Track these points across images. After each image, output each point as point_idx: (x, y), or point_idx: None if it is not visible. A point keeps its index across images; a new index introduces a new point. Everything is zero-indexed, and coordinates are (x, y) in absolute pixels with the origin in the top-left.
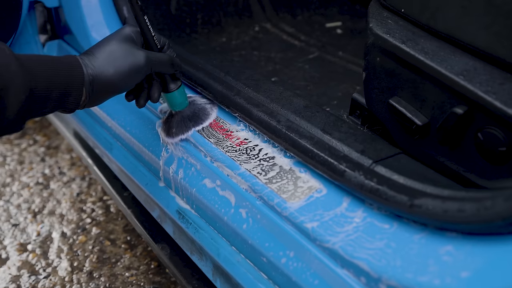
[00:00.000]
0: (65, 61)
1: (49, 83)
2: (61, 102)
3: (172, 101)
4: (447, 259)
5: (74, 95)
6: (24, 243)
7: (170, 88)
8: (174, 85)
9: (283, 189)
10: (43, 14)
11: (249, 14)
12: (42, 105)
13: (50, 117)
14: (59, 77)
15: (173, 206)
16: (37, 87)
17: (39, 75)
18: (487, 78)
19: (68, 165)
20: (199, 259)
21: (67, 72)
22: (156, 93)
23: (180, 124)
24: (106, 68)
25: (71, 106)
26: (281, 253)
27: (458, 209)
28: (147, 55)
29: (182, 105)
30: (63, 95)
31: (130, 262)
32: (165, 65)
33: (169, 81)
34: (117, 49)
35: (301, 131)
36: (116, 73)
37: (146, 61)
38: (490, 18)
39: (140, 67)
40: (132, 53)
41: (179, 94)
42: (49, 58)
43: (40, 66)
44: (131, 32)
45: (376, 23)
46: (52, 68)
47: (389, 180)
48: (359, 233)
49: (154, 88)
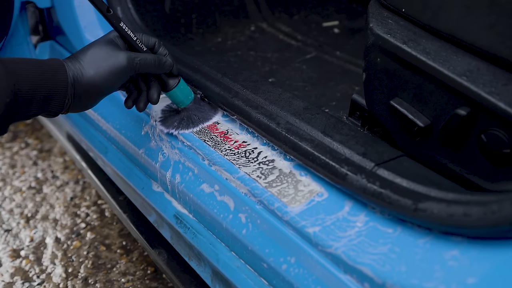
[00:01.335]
0: (48, 64)
1: (33, 86)
2: (45, 105)
3: (174, 99)
4: (453, 264)
5: (58, 98)
6: (17, 249)
7: (169, 86)
8: (172, 82)
9: (283, 193)
10: (34, 14)
11: (245, 13)
12: (26, 108)
13: (42, 120)
14: (43, 80)
15: (171, 210)
16: (21, 90)
17: (23, 78)
18: (490, 79)
19: (61, 169)
20: (198, 265)
21: (51, 75)
22: (155, 94)
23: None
24: (87, 69)
25: (55, 109)
26: (281, 259)
27: (463, 213)
28: (129, 56)
29: (186, 102)
30: (46, 98)
31: (126, 267)
32: (151, 65)
33: (166, 80)
34: (99, 51)
35: (301, 134)
36: (96, 74)
37: (128, 62)
38: (493, 17)
39: (121, 68)
40: (113, 54)
41: (179, 91)
42: (33, 61)
43: (24, 69)
44: (115, 36)
45: (377, 23)
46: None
47: (392, 183)
48: (362, 238)
49: (153, 90)
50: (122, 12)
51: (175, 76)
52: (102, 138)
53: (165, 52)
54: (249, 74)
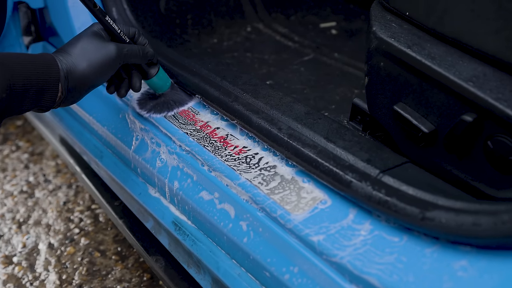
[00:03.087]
0: (41, 58)
1: (27, 81)
2: (37, 100)
3: (154, 86)
4: (462, 275)
5: (50, 93)
6: (9, 256)
7: (149, 74)
8: (153, 70)
9: (286, 200)
10: (26, 15)
11: (241, 14)
12: (19, 103)
13: (34, 122)
14: (36, 75)
15: (169, 216)
16: (15, 85)
17: (17, 73)
18: (497, 84)
19: (53, 172)
20: (197, 273)
21: (44, 69)
22: (138, 83)
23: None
24: (80, 62)
25: (47, 103)
26: (284, 269)
27: (473, 223)
28: (117, 47)
29: (164, 87)
30: (39, 93)
31: (122, 274)
32: (137, 56)
33: (147, 69)
34: (88, 44)
35: (304, 139)
36: (89, 67)
37: (117, 53)
38: (501, 22)
39: (112, 59)
40: (103, 46)
41: (158, 79)
42: (26, 56)
43: (17, 64)
44: (99, 28)
45: (380, 27)
46: (29, 66)
47: (398, 191)
48: (368, 247)
49: (135, 78)
50: (117, 13)
51: (155, 64)
52: (97, 142)
53: (145, 41)
54: (249, 78)
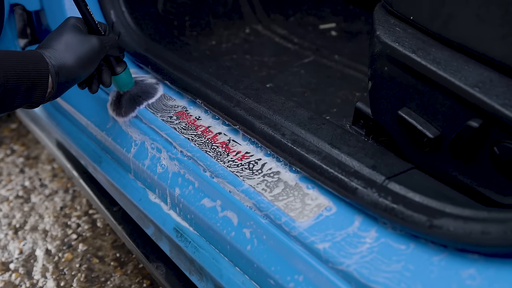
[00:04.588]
0: (30, 55)
1: (18, 77)
2: (28, 95)
3: (120, 83)
4: (471, 284)
5: (41, 88)
6: (6, 262)
7: (117, 70)
8: (121, 67)
9: (290, 206)
10: (22, 17)
11: (239, 15)
12: (11, 100)
13: (29, 126)
14: (27, 71)
15: (170, 223)
16: (8, 82)
17: (9, 70)
18: (503, 90)
19: (49, 177)
20: (199, 280)
21: (34, 66)
22: (108, 78)
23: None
24: (68, 57)
25: (37, 99)
26: (289, 278)
27: (482, 231)
28: (99, 39)
29: (130, 85)
30: (30, 89)
31: (121, 280)
32: (115, 48)
33: (115, 65)
34: (71, 38)
35: (308, 145)
36: (77, 61)
37: (100, 45)
38: (507, 28)
39: (96, 52)
40: (86, 40)
41: (126, 75)
42: (16, 53)
43: (9, 60)
44: (77, 21)
45: (384, 31)
46: (20, 63)
47: (404, 198)
48: (374, 255)
49: (105, 74)
50: (115, 15)
51: (122, 61)
52: (95, 147)
53: (116, 36)
54: (250, 82)
